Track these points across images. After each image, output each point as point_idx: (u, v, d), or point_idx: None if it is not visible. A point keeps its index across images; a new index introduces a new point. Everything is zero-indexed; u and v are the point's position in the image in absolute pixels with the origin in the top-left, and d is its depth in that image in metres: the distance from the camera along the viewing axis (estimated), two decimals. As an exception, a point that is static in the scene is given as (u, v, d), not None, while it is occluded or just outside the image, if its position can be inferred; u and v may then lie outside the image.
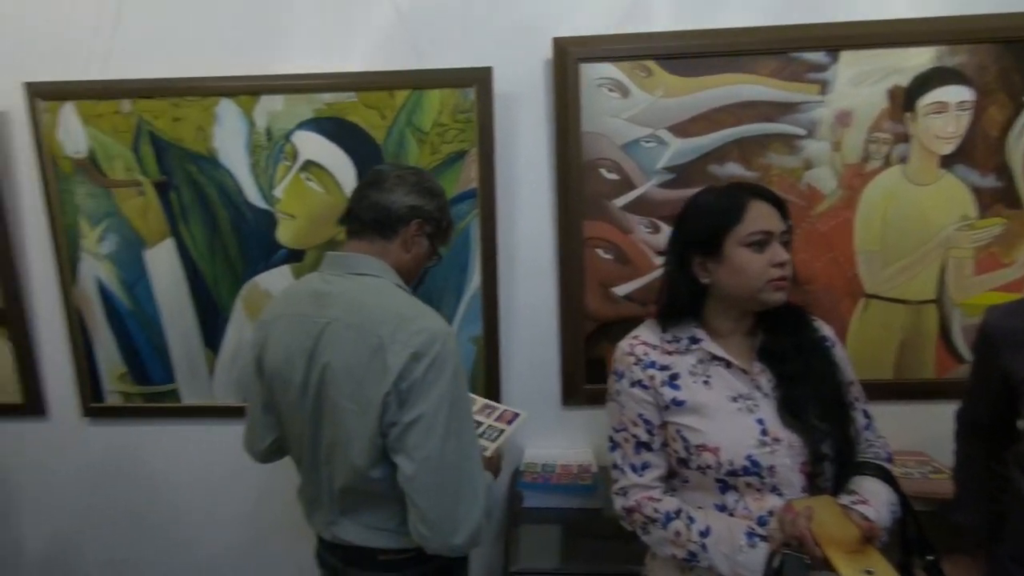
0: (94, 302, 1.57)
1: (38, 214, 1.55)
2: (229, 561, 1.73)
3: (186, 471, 1.69)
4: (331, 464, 0.98)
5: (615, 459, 1.01)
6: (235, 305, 1.56)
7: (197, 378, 1.60)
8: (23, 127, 1.51)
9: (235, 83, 1.45)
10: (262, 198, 1.51)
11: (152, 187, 1.51)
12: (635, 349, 0.99)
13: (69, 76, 1.48)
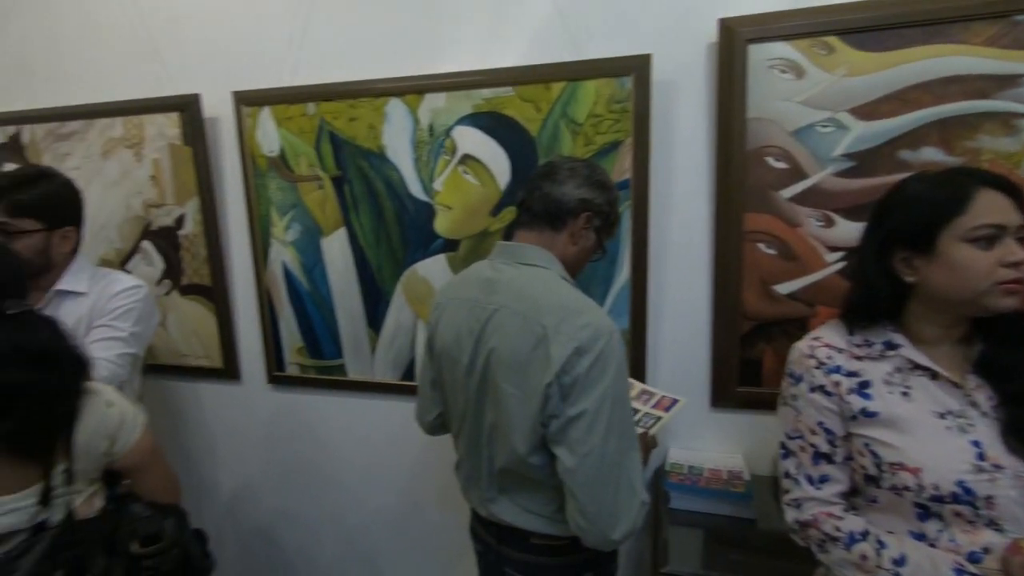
0: (280, 283, 1.78)
1: (239, 206, 1.79)
2: (384, 524, 1.89)
3: (349, 438, 1.86)
4: (492, 445, 1.02)
5: (787, 467, 0.94)
6: (396, 290, 1.69)
7: (361, 355, 1.76)
8: (230, 130, 1.75)
9: (403, 83, 1.56)
10: (423, 191, 1.61)
11: (330, 181, 1.67)
12: (816, 351, 0.91)
13: (266, 84, 1.69)
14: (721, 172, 1.39)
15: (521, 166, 1.52)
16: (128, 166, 1.83)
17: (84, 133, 1.86)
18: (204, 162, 1.76)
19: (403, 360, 1.73)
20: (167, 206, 1.83)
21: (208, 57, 1.76)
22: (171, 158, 1.79)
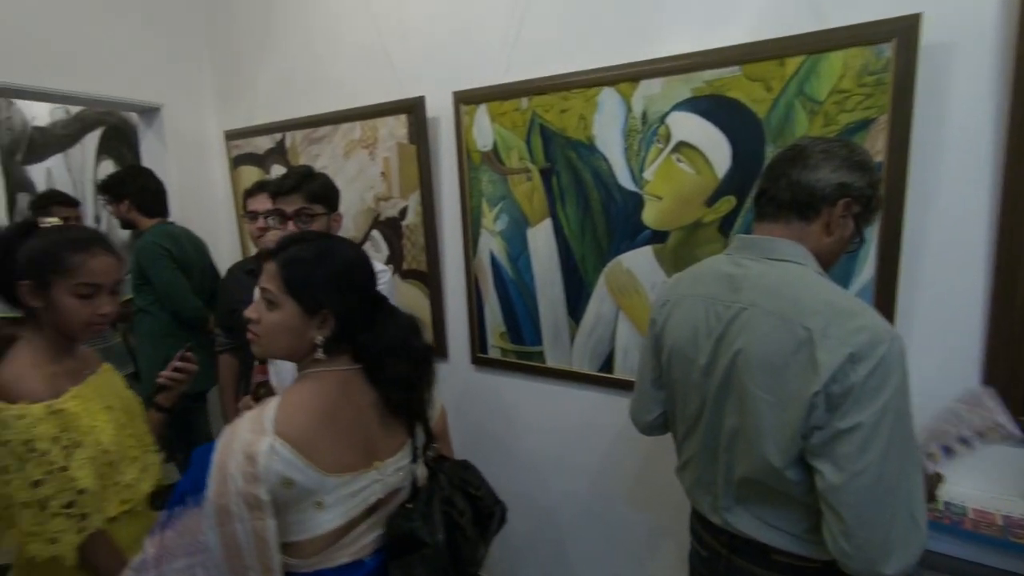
0: (487, 271, 1.89)
1: (454, 198, 1.93)
2: (573, 510, 1.92)
3: (542, 423, 1.92)
4: (732, 451, 0.96)
5: None
6: (598, 281, 1.69)
7: (560, 344, 1.80)
8: (449, 128, 1.90)
9: (617, 71, 1.54)
10: (632, 180, 1.57)
11: (538, 173, 1.73)
12: None
13: (483, 83, 1.79)
14: (1014, 150, 1.14)
15: (744, 152, 1.41)
16: (364, 164, 2.09)
17: (331, 136, 2.16)
18: (426, 159, 1.93)
19: (602, 352, 1.73)
20: (393, 199, 2.04)
21: (432, 61, 1.92)
22: (398, 156, 1.99)
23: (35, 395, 1.03)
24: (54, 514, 1.01)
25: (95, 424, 1.10)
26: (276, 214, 1.47)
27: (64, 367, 1.13)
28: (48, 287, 1.07)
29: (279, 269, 0.92)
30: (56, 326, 1.10)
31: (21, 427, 0.99)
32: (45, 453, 1.00)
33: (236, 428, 0.87)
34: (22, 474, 0.99)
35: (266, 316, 0.93)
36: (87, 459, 1.05)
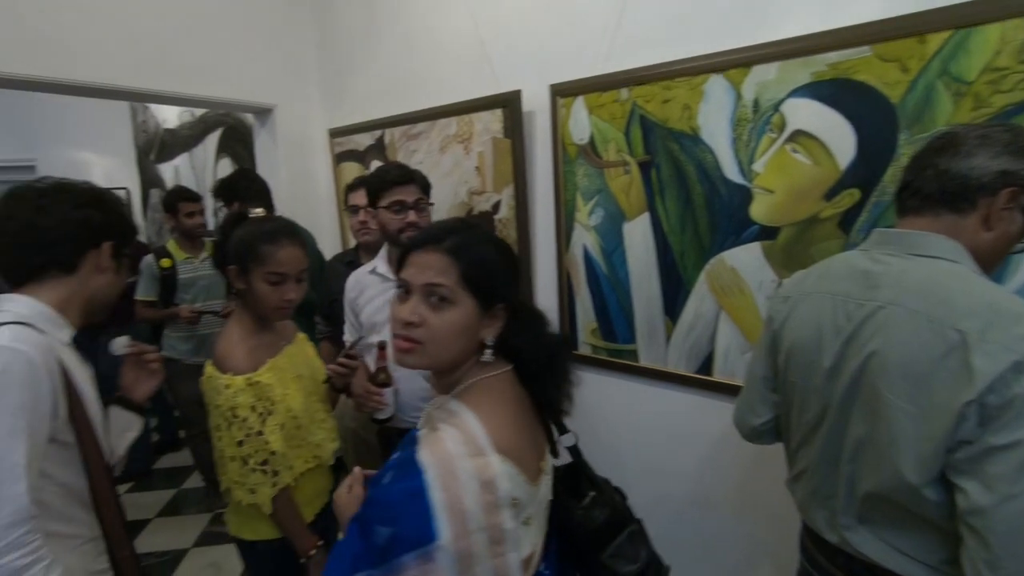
0: (579, 266, 1.87)
1: (547, 192, 1.92)
2: (664, 515, 1.85)
3: (633, 423, 1.87)
4: (857, 463, 0.88)
5: None
6: (698, 278, 1.61)
7: (655, 343, 1.74)
8: (544, 121, 1.89)
9: (727, 58, 1.45)
10: (739, 173, 1.49)
11: (637, 166, 1.67)
12: None
13: (580, 74, 1.76)
14: None
15: (871, 140, 1.29)
16: (459, 159, 2.12)
17: (428, 132, 2.21)
18: (520, 153, 1.93)
19: (700, 352, 1.65)
20: (487, 193, 2.06)
21: (528, 55, 1.91)
22: (493, 150, 2.01)
23: (238, 368, 1.20)
24: (252, 469, 1.21)
25: (287, 392, 1.26)
26: (397, 204, 1.52)
27: (263, 340, 1.29)
28: (248, 273, 1.22)
29: (454, 260, 0.78)
30: (253, 308, 1.26)
31: (228, 395, 1.18)
32: (245, 419, 1.19)
33: (447, 458, 0.71)
34: (229, 434, 1.20)
35: (435, 317, 0.77)
36: (277, 425, 1.22)
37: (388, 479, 0.75)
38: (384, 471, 0.79)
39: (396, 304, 0.80)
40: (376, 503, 0.72)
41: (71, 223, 1.01)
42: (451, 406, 0.79)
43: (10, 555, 0.81)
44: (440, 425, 0.77)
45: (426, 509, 0.68)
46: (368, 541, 0.70)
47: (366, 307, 1.57)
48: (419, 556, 0.67)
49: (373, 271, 1.59)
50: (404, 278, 0.80)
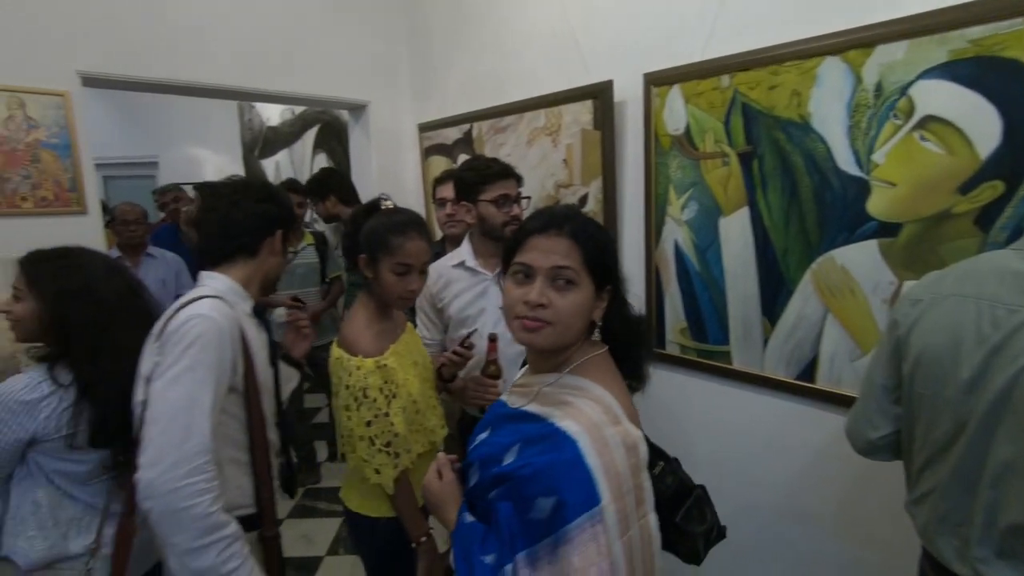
0: (669, 262, 1.80)
1: (637, 185, 1.86)
2: (752, 528, 1.75)
3: (720, 428, 1.78)
4: (1001, 489, 0.78)
5: None
6: (803, 278, 1.50)
7: (750, 345, 1.64)
8: (636, 112, 1.83)
9: (845, 38, 1.33)
10: (855, 164, 1.36)
11: (736, 157, 1.58)
12: None
13: (677, 62, 1.68)
14: None
15: (1021, 126, 1.14)
16: (546, 151, 2.11)
17: (516, 125, 2.21)
18: (610, 144, 1.88)
19: (801, 357, 1.54)
20: (574, 186, 2.03)
21: (621, 44, 1.86)
22: (582, 142, 1.98)
23: (368, 351, 1.25)
24: (379, 449, 1.25)
25: (407, 377, 1.30)
26: (503, 198, 1.55)
27: (385, 326, 1.33)
28: (376, 262, 1.26)
29: (576, 243, 0.81)
30: (378, 295, 1.31)
31: (359, 376, 1.22)
32: (374, 400, 1.23)
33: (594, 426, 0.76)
34: (358, 414, 1.24)
35: (561, 299, 0.79)
36: (400, 408, 1.26)
37: (528, 454, 0.77)
38: (494, 450, 0.83)
39: (514, 287, 0.83)
40: (533, 478, 0.73)
41: (255, 216, 1.20)
42: (575, 381, 0.83)
43: (195, 477, 0.96)
44: (569, 398, 0.80)
45: (587, 474, 0.71)
46: (526, 517, 0.72)
47: (454, 301, 1.58)
48: (588, 519, 0.70)
49: (460, 265, 1.61)
50: (526, 262, 0.82)
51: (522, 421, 0.82)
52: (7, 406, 1.08)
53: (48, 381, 1.12)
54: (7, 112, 1.88)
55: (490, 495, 0.78)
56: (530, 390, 0.87)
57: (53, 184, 1.98)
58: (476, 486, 0.84)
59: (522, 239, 0.84)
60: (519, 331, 0.82)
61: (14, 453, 1.11)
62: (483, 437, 0.90)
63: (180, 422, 0.97)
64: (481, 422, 0.96)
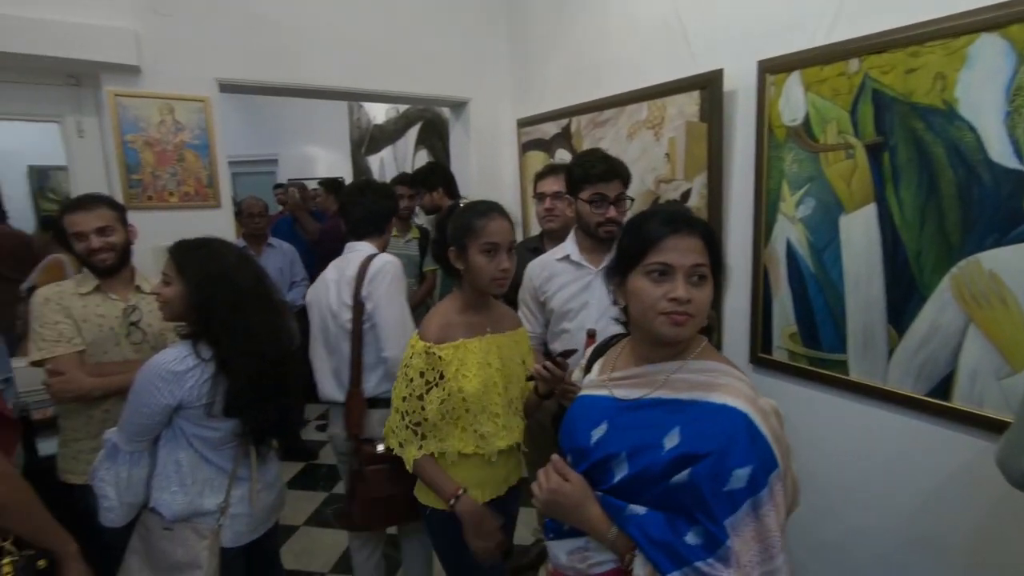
0: (780, 262, 1.68)
1: (746, 179, 1.75)
2: (869, 550, 1.61)
3: (834, 444, 1.64)
4: None
5: None
6: (940, 283, 1.34)
7: (871, 354, 1.50)
8: (747, 103, 1.72)
9: (1006, 11, 1.17)
10: (1014, 155, 1.19)
11: (863, 149, 1.44)
12: None
13: (797, 47, 1.56)
14: None
15: None
16: (647, 145, 2.05)
17: (616, 119, 2.17)
18: (717, 137, 1.79)
19: (935, 372, 1.38)
20: (676, 181, 1.96)
21: (732, 30, 1.76)
22: (686, 135, 1.90)
23: (426, 335, 1.31)
24: (406, 425, 1.32)
25: (464, 374, 1.29)
26: (598, 197, 1.53)
27: (466, 320, 1.34)
28: (465, 249, 1.29)
29: (705, 243, 0.90)
30: (472, 283, 1.33)
31: (408, 353, 1.32)
32: (412, 380, 1.29)
33: (752, 400, 0.86)
34: (398, 386, 1.34)
35: (698, 293, 0.88)
36: (438, 397, 1.28)
37: (699, 434, 0.84)
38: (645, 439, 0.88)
39: (652, 285, 0.88)
40: (724, 452, 0.81)
41: (386, 208, 1.88)
42: (707, 365, 0.92)
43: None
44: (715, 380, 0.89)
45: (765, 442, 0.83)
46: (723, 489, 0.80)
47: (557, 294, 1.59)
48: (775, 477, 0.82)
49: (565, 258, 1.60)
50: (665, 261, 0.88)
51: (665, 407, 0.89)
52: (160, 375, 1.23)
53: (192, 355, 1.25)
54: (159, 117, 2.12)
55: (672, 480, 0.83)
56: (651, 379, 0.93)
57: (194, 180, 2.21)
58: (635, 477, 0.87)
59: (654, 240, 0.89)
60: (665, 326, 0.87)
61: (164, 416, 1.26)
62: (603, 431, 0.93)
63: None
64: (580, 418, 0.99)
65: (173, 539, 1.26)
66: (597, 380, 1.04)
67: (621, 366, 1.01)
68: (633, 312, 0.94)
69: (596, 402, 0.99)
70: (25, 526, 1.09)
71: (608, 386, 0.99)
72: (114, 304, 1.63)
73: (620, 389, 0.96)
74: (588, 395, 1.03)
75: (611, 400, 0.96)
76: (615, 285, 0.99)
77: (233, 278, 1.30)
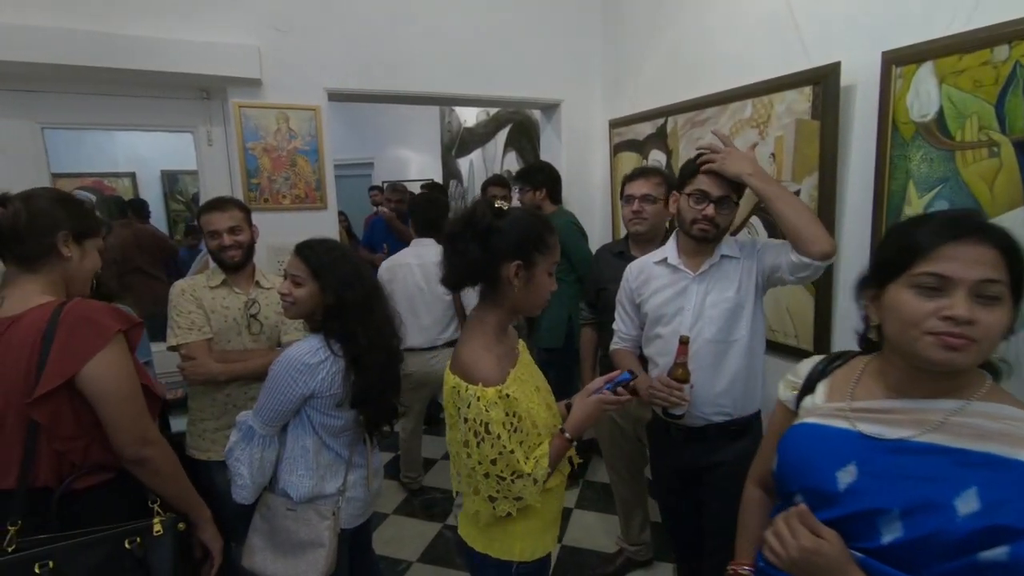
0: (903, 271, 1.53)
1: (864, 181, 1.61)
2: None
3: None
4: None
5: None
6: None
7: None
8: (868, 97, 1.59)
9: None
10: None
11: (1011, 147, 1.28)
12: None
13: (929, 35, 1.42)
14: None
15: None
16: (750, 145, 1.94)
17: (717, 118, 2.08)
18: (832, 135, 1.66)
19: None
20: (783, 183, 1.84)
21: (852, 20, 1.63)
22: (796, 134, 1.78)
23: (489, 378, 1.08)
24: (511, 482, 1.11)
25: (531, 406, 1.14)
26: (699, 193, 1.45)
27: (504, 347, 1.18)
28: (534, 265, 1.12)
29: (1003, 254, 0.78)
30: (519, 303, 1.15)
31: (479, 408, 1.07)
32: (498, 436, 1.07)
33: None
34: (480, 451, 1.09)
35: (987, 315, 0.76)
36: (519, 443, 1.11)
37: (1005, 499, 0.70)
38: (927, 496, 0.74)
39: (920, 300, 0.76)
40: None
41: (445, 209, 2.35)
42: (1008, 411, 0.76)
43: None
44: (1018, 431, 0.74)
45: None
46: None
47: (651, 298, 1.54)
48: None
49: (663, 261, 1.56)
50: (941, 273, 0.74)
51: (948, 457, 0.75)
52: (295, 367, 1.31)
53: (324, 347, 1.34)
54: (276, 125, 2.30)
55: (979, 556, 0.69)
56: (918, 417, 0.79)
57: (304, 184, 2.38)
58: (915, 543, 0.73)
59: (925, 247, 0.76)
60: (933, 348, 0.74)
61: (297, 404, 1.34)
62: (853, 475, 0.80)
63: None
64: (816, 454, 0.85)
65: (297, 519, 1.35)
66: (829, 407, 0.88)
67: (863, 394, 0.86)
68: (889, 331, 0.80)
69: (835, 435, 0.84)
70: (171, 490, 1.22)
71: (850, 417, 0.84)
72: (237, 297, 1.79)
73: (869, 424, 0.82)
74: (820, 425, 0.87)
75: (857, 436, 0.82)
76: (868, 299, 0.86)
77: (362, 277, 1.38)
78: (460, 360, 1.13)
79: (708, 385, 1.46)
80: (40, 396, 1.07)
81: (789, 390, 1.00)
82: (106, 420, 1.12)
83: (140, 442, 1.15)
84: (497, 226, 1.09)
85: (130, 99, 2.21)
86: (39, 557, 1.06)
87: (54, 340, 1.08)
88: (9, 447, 1.10)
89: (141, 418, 1.17)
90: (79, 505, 1.15)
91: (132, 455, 1.15)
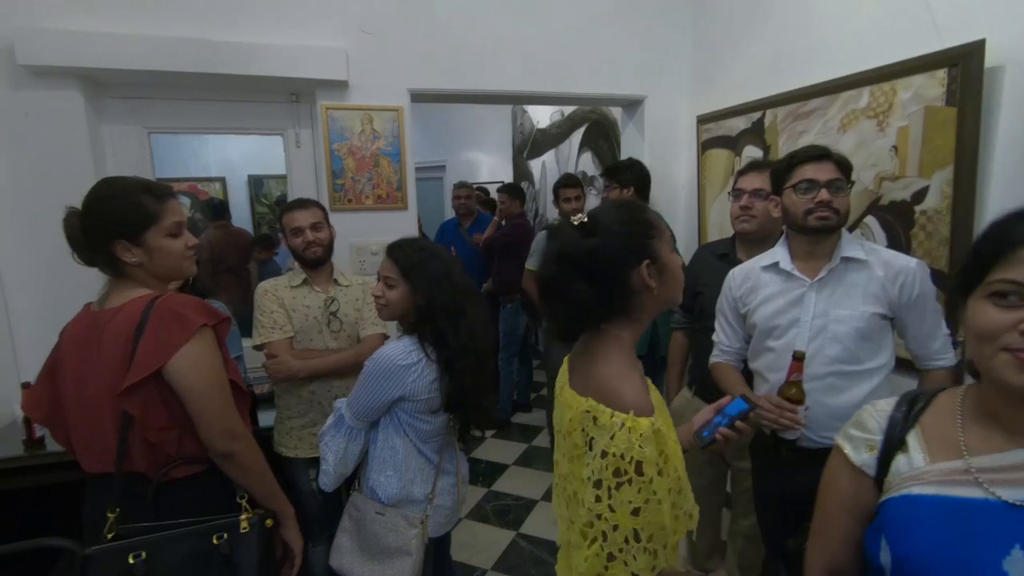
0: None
1: (1013, 175, 1.41)
2: None
3: None
4: None
5: None
6: None
7: None
8: (1019, 80, 1.38)
9: None
10: None
11: None
12: None
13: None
14: None
15: None
16: (866, 137, 1.75)
17: (824, 109, 1.90)
18: (972, 124, 1.46)
19: None
20: (905, 179, 1.65)
21: (999, -9, 1.43)
22: (924, 124, 1.58)
23: (640, 406, 0.81)
24: (643, 548, 0.81)
25: (676, 448, 0.86)
26: (806, 183, 1.32)
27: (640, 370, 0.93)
28: (658, 254, 0.90)
29: None
30: (663, 297, 0.93)
31: (629, 442, 0.79)
32: (650, 480, 0.79)
33: None
34: (621, 494, 0.80)
35: None
36: (666, 489, 0.82)
37: None
38: None
39: (997, 311, 0.64)
40: None
41: None
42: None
43: None
44: None
45: None
46: None
47: (760, 308, 1.40)
48: None
49: (773, 267, 1.41)
50: (1019, 280, 0.63)
51: None
52: (388, 368, 1.29)
53: (417, 350, 1.31)
54: (360, 127, 2.32)
55: None
56: None
57: (386, 184, 2.39)
58: None
59: (1004, 247, 0.65)
60: (1010, 368, 0.62)
61: (386, 404, 1.33)
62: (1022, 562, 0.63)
63: None
64: (959, 541, 0.65)
65: (385, 524, 1.33)
66: (942, 470, 0.70)
67: (979, 445, 0.69)
68: (968, 350, 0.69)
69: (971, 510, 0.66)
70: (257, 486, 1.22)
71: (980, 481, 0.66)
72: (317, 296, 1.80)
73: (1010, 489, 0.65)
74: (944, 497, 0.68)
75: (1001, 506, 0.64)
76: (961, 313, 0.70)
77: (451, 278, 1.34)
78: (596, 380, 0.87)
79: (828, 406, 1.31)
80: (128, 387, 1.09)
81: (864, 450, 0.78)
82: (193, 413, 1.14)
83: (227, 435, 1.16)
84: (595, 245, 0.87)
85: (227, 104, 2.31)
86: (134, 547, 1.08)
87: (144, 332, 1.10)
88: (107, 434, 1.14)
89: (228, 412, 1.17)
90: (172, 495, 1.17)
91: (220, 448, 1.16)
